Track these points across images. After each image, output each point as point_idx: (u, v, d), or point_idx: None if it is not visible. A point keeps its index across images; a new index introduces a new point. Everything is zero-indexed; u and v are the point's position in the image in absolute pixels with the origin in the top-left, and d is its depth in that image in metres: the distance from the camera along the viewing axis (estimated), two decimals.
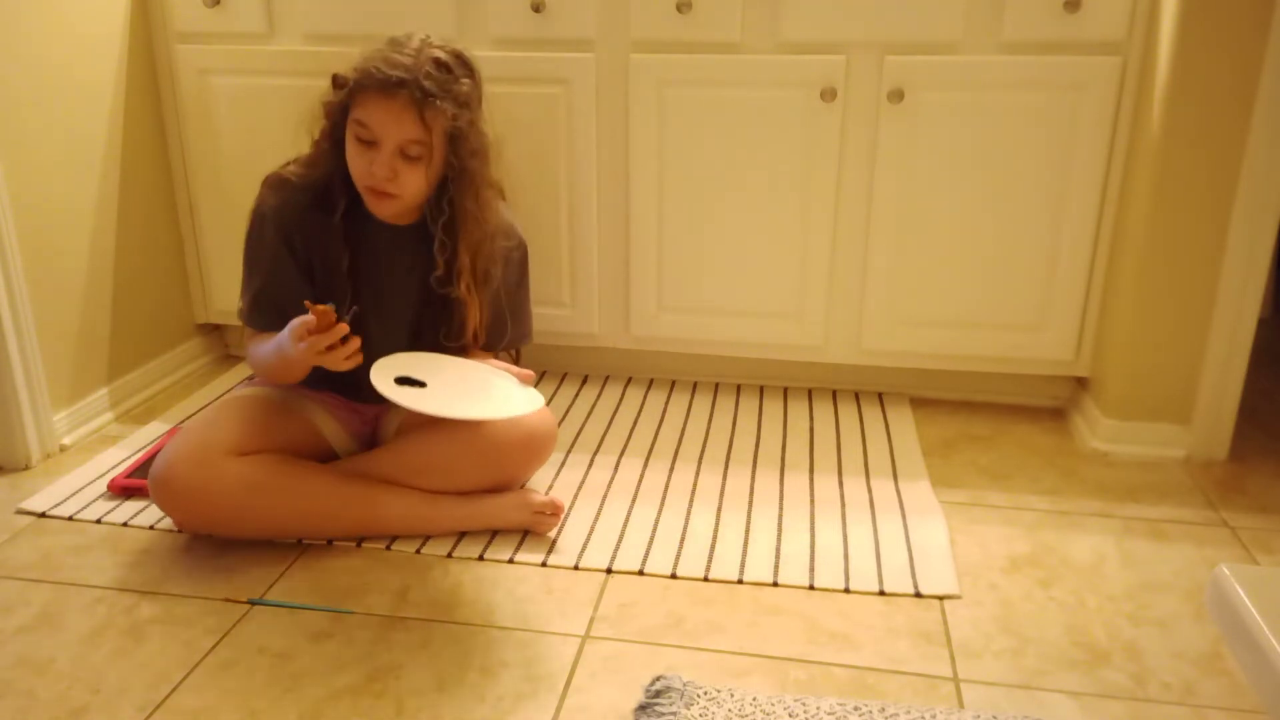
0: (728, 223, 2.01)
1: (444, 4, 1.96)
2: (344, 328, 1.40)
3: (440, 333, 1.62)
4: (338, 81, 1.49)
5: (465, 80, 1.50)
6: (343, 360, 1.42)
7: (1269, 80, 1.66)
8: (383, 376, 1.44)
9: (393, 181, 1.47)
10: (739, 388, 2.18)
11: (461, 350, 1.65)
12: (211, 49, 2.08)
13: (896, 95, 1.86)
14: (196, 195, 2.20)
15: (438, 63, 1.47)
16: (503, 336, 1.70)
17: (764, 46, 1.90)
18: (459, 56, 1.52)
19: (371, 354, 1.59)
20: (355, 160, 1.49)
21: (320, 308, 1.38)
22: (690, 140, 1.97)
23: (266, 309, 1.56)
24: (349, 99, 1.48)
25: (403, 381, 1.45)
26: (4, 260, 1.75)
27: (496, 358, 1.71)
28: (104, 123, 2.00)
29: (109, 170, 2.02)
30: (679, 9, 1.88)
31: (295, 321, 1.42)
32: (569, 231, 2.07)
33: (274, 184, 1.58)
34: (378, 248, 1.59)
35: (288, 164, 1.60)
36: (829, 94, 1.88)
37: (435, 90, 1.44)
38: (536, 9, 1.93)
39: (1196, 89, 1.69)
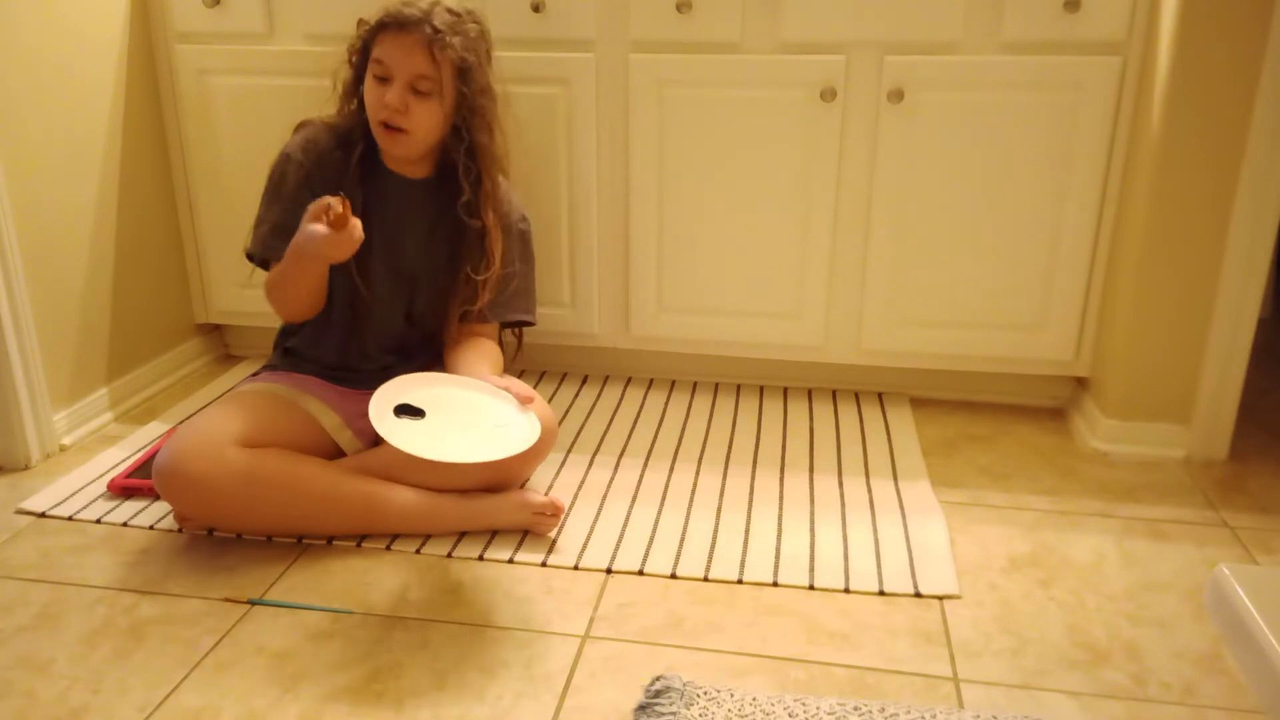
0: (728, 223, 2.01)
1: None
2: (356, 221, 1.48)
3: (470, 267, 1.69)
4: (361, 24, 1.62)
5: (474, 25, 1.62)
6: (353, 246, 1.49)
7: (1269, 80, 1.66)
8: (381, 410, 1.44)
9: (404, 115, 1.57)
10: (739, 388, 2.18)
11: (472, 330, 1.72)
12: (211, 49, 2.08)
13: (896, 95, 1.86)
14: (196, 195, 2.20)
15: (450, 11, 1.60)
16: (514, 306, 1.77)
17: (764, 46, 1.90)
18: (469, 11, 1.64)
19: (376, 303, 1.67)
20: (371, 95, 1.60)
21: (328, 198, 1.46)
22: (690, 140, 1.97)
23: (284, 236, 1.60)
24: (369, 38, 1.60)
25: (401, 411, 1.45)
26: (4, 260, 1.75)
27: (501, 340, 1.80)
28: (104, 123, 2.00)
29: (109, 170, 2.02)
30: (679, 9, 1.88)
31: (313, 226, 1.48)
32: (569, 231, 2.07)
33: (303, 125, 1.70)
34: (389, 198, 1.67)
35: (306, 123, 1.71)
36: (829, 94, 1.88)
37: (444, 29, 1.57)
38: (536, 9, 1.93)
39: (1196, 89, 1.69)
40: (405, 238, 1.68)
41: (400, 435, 1.39)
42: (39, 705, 1.24)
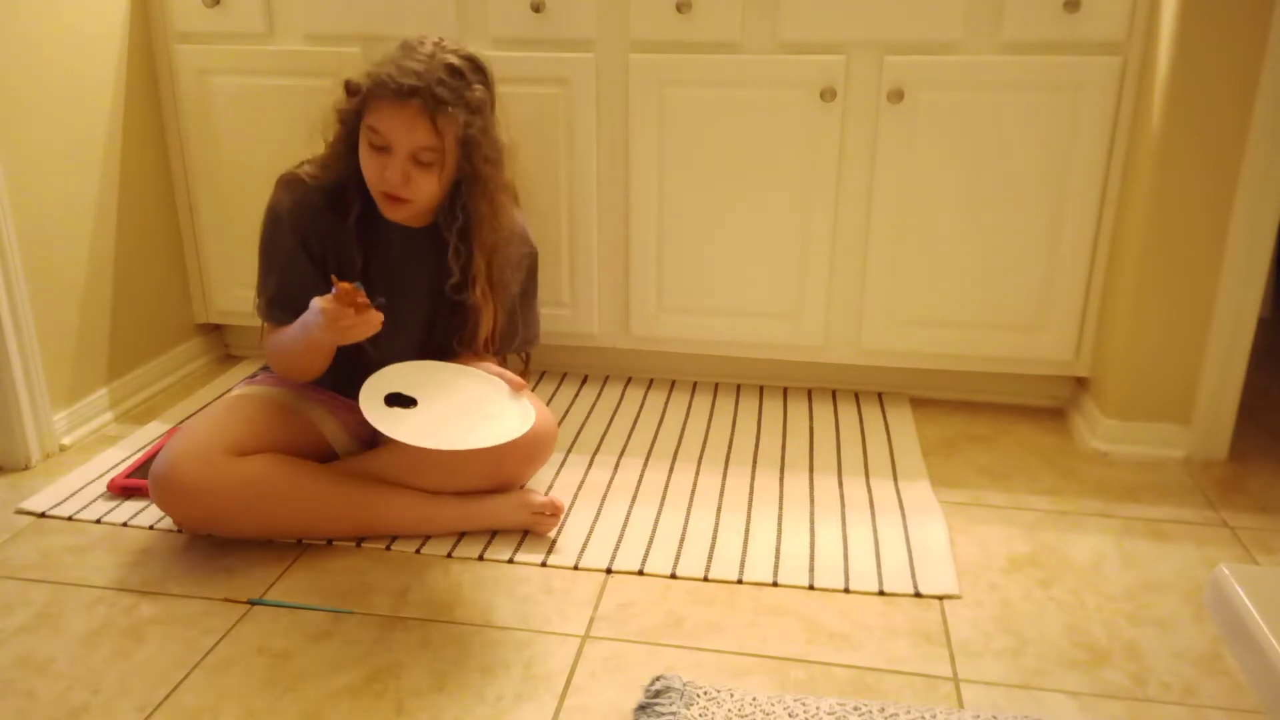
0: (727, 223, 2.01)
1: (444, 4, 1.96)
2: (364, 300, 1.40)
3: (454, 339, 1.63)
4: (350, 88, 1.50)
5: (478, 86, 1.50)
6: (365, 330, 1.41)
7: (1269, 80, 1.66)
8: (372, 398, 1.43)
9: (405, 187, 1.48)
10: (739, 388, 2.18)
11: (471, 355, 1.66)
12: (211, 49, 2.08)
13: (896, 95, 1.86)
14: (196, 195, 2.20)
15: (450, 69, 1.47)
16: (513, 340, 1.72)
17: (764, 46, 1.90)
18: (472, 61, 1.51)
19: (383, 357, 1.60)
20: (368, 165, 1.50)
21: (345, 285, 1.38)
22: (690, 140, 1.97)
23: (284, 305, 1.56)
24: (362, 105, 1.48)
25: (393, 400, 1.43)
26: (4, 260, 1.75)
27: (505, 362, 1.72)
28: (104, 123, 2.00)
29: (109, 170, 2.02)
30: (679, 9, 1.88)
31: (317, 301, 1.42)
32: (569, 231, 2.07)
33: (289, 184, 1.57)
34: (391, 251, 1.60)
35: (302, 164, 1.60)
36: (829, 94, 1.88)
37: (448, 97, 1.44)
38: (536, 9, 1.93)
39: (1196, 89, 1.69)
40: (411, 285, 1.62)
41: (390, 422, 1.38)
42: (39, 705, 1.24)
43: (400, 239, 1.60)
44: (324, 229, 1.56)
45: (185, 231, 2.24)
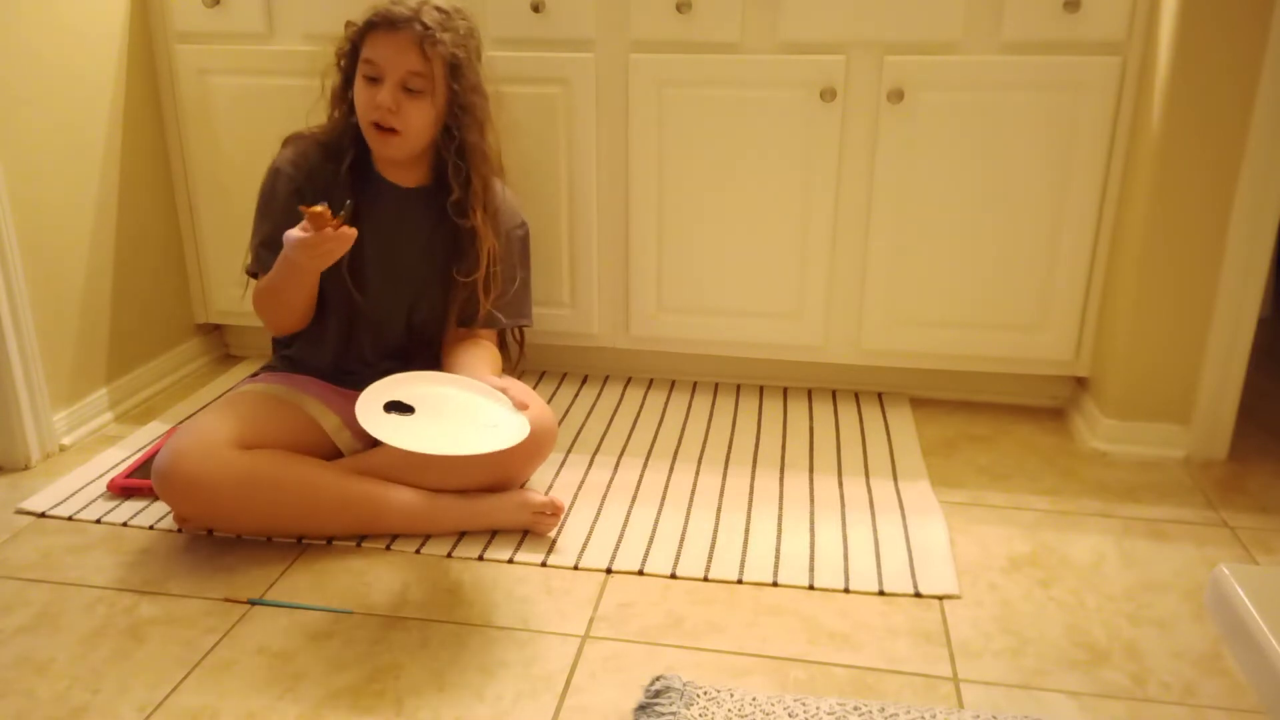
0: (727, 223, 2.01)
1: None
2: (334, 220, 1.45)
3: (456, 269, 1.68)
4: (349, 25, 1.61)
5: (463, 22, 1.61)
6: (340, 246, 1.47)
7: (1269, 80, 1.66)
8: (370, 406, 1.43)
9: (396, 115, 1.56)
10: (739, 388, 2.18)
11: (468, 337, 1.71)
12: (211, 49, 2.08)
13: (896, 95, 1.86)
14: (196, 195, 2.20)
15: (438, 9, 1.58)
16: (510, 314, 1.76)
17: (764, 46, 1.90)
18: (458, 9, 1.62)
19: (373, 311, 1.67)
20: (362, 97, 1.58)
21: (313, 209, 1.43)
22: (690, 140, 1.97)
23: (274, 252, 1.58)
24: (358, 39, 1.59)
25: (391, 407, 1.44)
26: (4, 260, 1.75)
27: (513, 369, 1.78)
28: (104, 123, 2.00)
29: (109, 170, 2.02)
30: (679, 9, 1.88)
31: (291, 232, 1.47)
32: (569, 231, 2.07)
33: (291, 139, 1.68)
34: (384, 205, 1.65)
35: (295, 135, 1.69)
36: (829, 94, 1.88)
37: (435, 26, 1.55)
38: (536, 9, 1.93)
39: (1196, 89, 1.69)
40: (401, 246, 1.67)
41: (385, 429, 1.39)
42: (39, 705, 1.24)
43: (394, 195, 1.66)
44: (320, 179, 1.63)
45: (185, 231, 2.24)
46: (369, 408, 1.43)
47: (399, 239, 1.67)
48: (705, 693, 1.25)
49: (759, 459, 1.88)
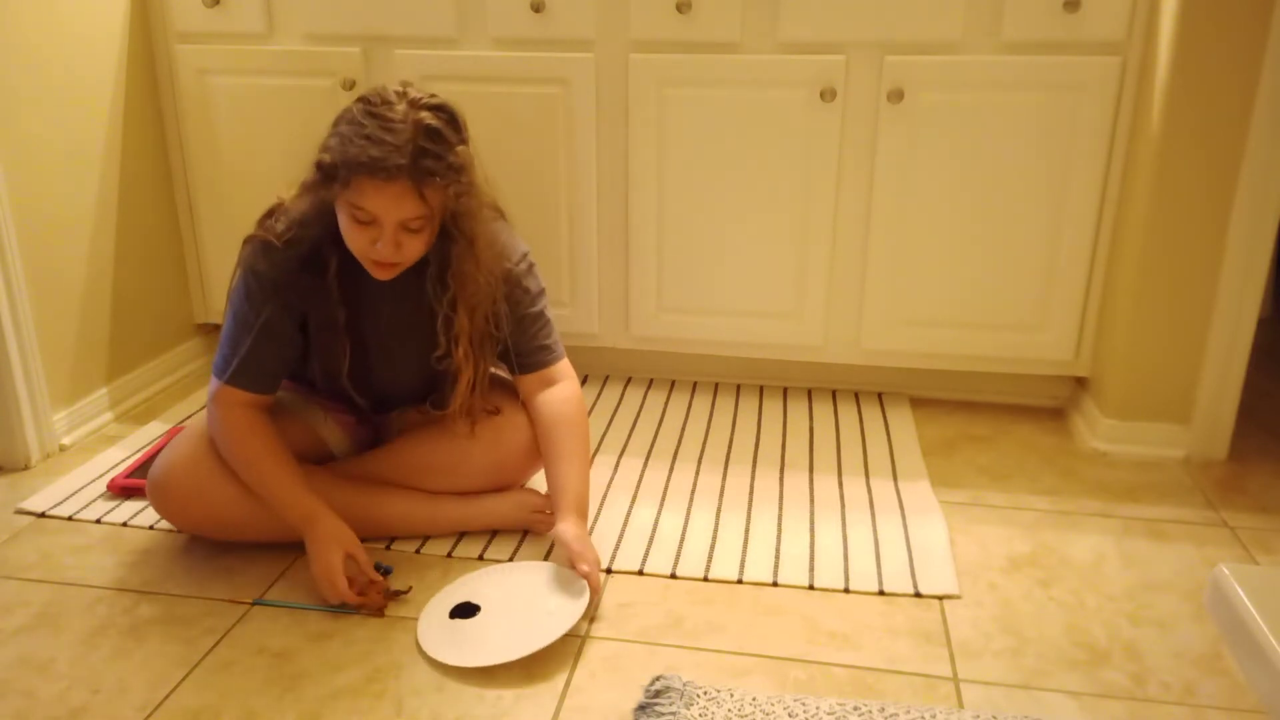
0: (727, 222, 2.01)
1: (444, 4, 1.96)
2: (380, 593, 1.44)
3: (437, 396, 1.58)
4: (325, 170, 1.37)
5: (460, 147, 1.41)
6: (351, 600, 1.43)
7: (1269, 80, 1.66)
8: (434, 621, 1.39)
9: (396, 254, 1.40)
10: (739, 388, 2.18)
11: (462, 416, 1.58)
12: (211, 49, 2.08)
13: (896, 95, 1.86)
14: (196, 195, 2.20)
15: (429, 132, 1.36)
16: (534, 356, 1.59)
17: (764, 46, 1.90)
18: (446, 113, 1.40)
19: (387, 394, 1.61)
20: (354, 237, 1.41)
21: (379, 582, 1.44)
22: (690, 140, 1.97)
23: (255, 372, 1.48)
24: (342, 178, 1.36)
25: (457, 612, 1.40)
26: (4, 260, 1.75)
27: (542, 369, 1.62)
28: (104, 123, 2.00)
29: (109, 170, 2.02)
30: (679, 9, 1.88)
31: (334, 564, 1.41)
32: (569, 231, 2.07)
33: (263, 248, 1.47)
34: (374, 298, 1.54)
35: (264, 220, 1.49)
36: (829, 94, 1.88)
37: (433, 168, 1.36)
38: (536, 9, 1.93)
39: (1196, 89, 1.69)
40: (398, 328, 1.56)
41: (445, 651, 1.33)
42: (39, 705, 1.24)
43: (381, 286, 1.52)
44: (302, 289, 1.48)
45: (185, 231, 2.24)
46: (435, 615, 1.40)
47: (397, 322, 1.56)
48: (705, 693, 1.25)
49: (759, 459, 1.88)
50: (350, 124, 1.36)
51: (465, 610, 1.41)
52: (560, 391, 1.59)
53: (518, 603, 1.41)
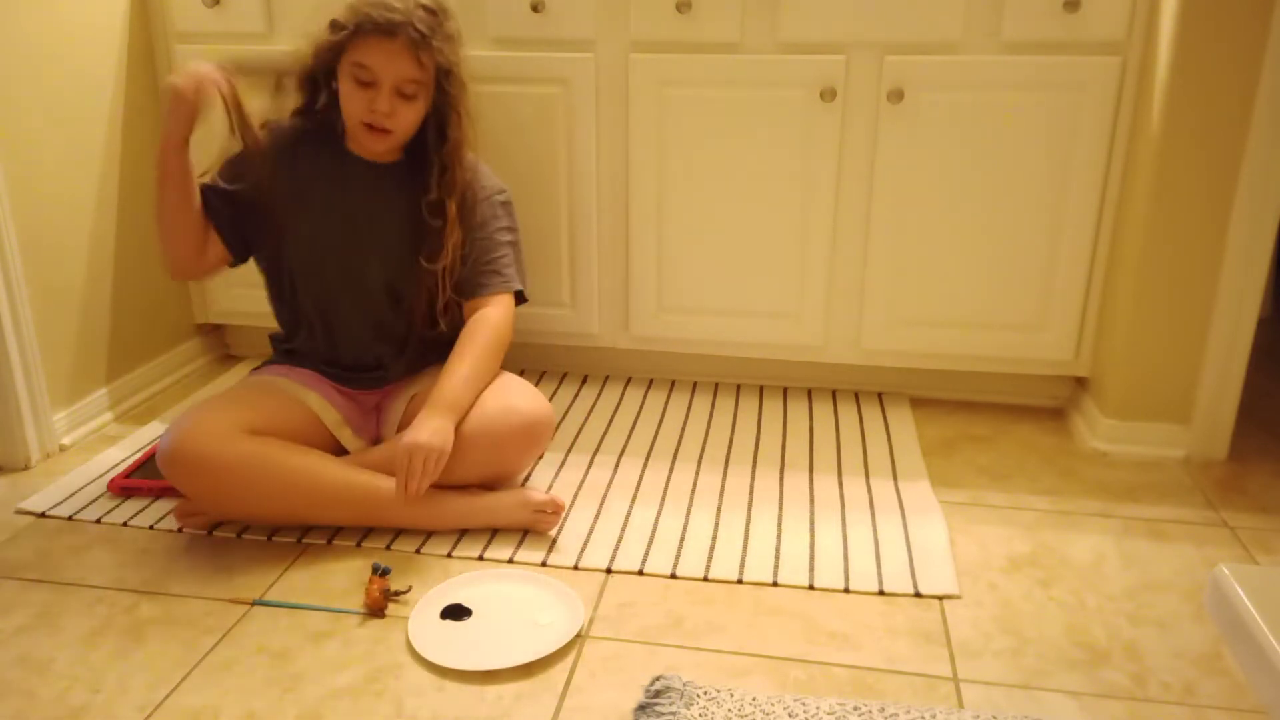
0: (727, 223, 2.01)
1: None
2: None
3: (421, 256, 1.67)
4: (336, 25, 1.57)
5: (450, 22, 1.62)
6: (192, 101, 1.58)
7: (1269, 80, 1.66)
8: (426, 618, 1.40)
9: (391, 117, 1.57)
10: (739, 388, 2.18)
11: (464, 289, 1.70)
12: (210, 49, 2.07)
13: (896, 95, 1.86)
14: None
15: (426, 9, 1.58)
16: (504, 279, 1.72)
17: (764, 46, 1.90)
18: (442, 7, 1.62)
19: (353, 288, 1.67)
20: (352, 99, 1.58)
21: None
22: (690, 140, 1.97)
23: (212, 193, 1.68)
24: (346, 41, 1.56)
25: (448, 613, 1.41)
26: (4, 260, 1.75)
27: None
28: (104, 122, 2.00)
29: (109, 170, 2.02)
30: (679, 9, 1.88)
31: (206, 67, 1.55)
32: (569, 231, 2.07)
33: (267, 126, 1.68)
34: (356, 180, 1.66)
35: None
36: (829, 94, 1.88)
37: (429, 32, 1.56)
38: (536, 9, 1.93)
39: (1196, 89, 1.69)
40: (374, 220, 1.67)
41: (433, 650, 1.33)
42: (39, 705, 1.24)
43: (366, 172, 1.67)
44: (298, 163, 1.65)
45: None
46: (426, 615, 1.40)
47: (371, 213, 1.67)
48: (705, 693, 1.25)
49: (759, 459, 1.88)
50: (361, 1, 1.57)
51: (456, 612, 1.41)
52: (484, 314, 1.69)
53: (509, 610, 1.41)
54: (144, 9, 2.08)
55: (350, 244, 1.67)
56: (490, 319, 1.68)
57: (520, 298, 1.75)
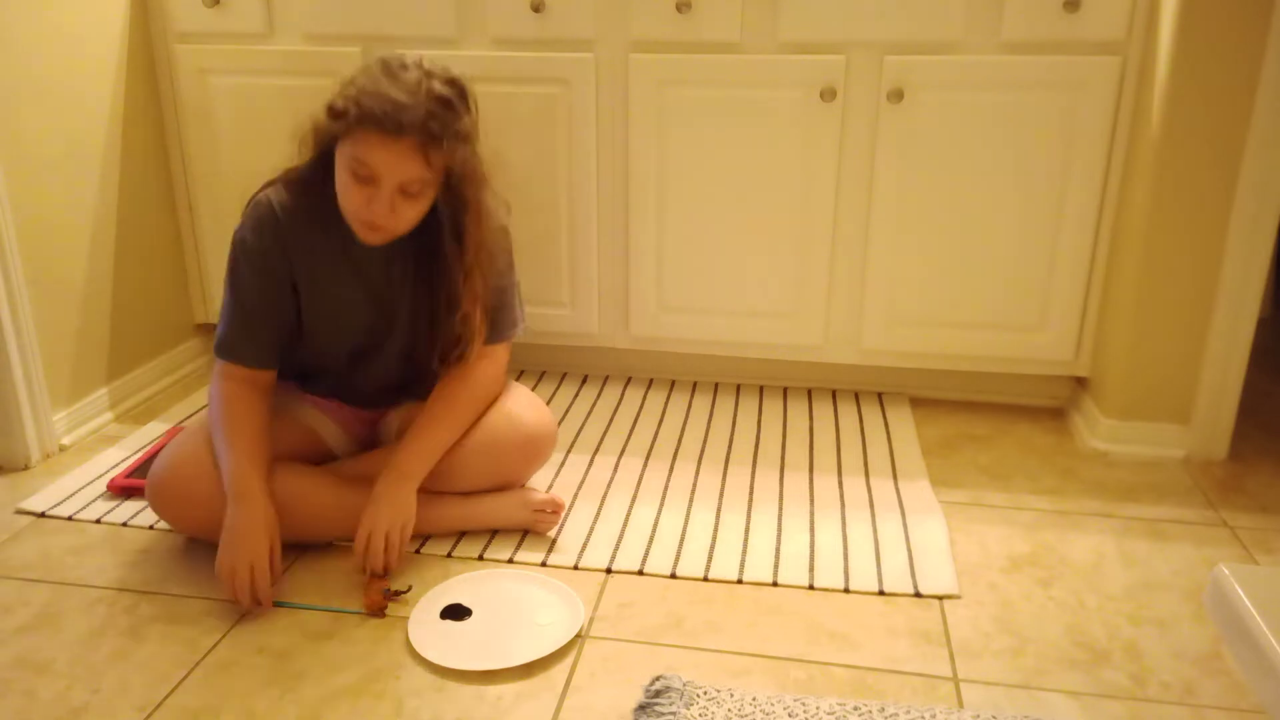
0: (727, 223, 2.01)
1: (444, 4, 1.96)
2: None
3: (436, 354, 1.57)
4: (335, 112, 1.39)
5: (466, 117, 1.43)
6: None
7: (1269, 80, 1.66)
8: (426, 617, 1.40)
9: (391, 217, 1.41)
10: (739, 388, 2.18)
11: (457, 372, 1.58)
12: (211, 49, 2.08)
13: (896, 95, 1.86)
14: (196, 195, 2.20)
15: (440, 100, 1.39)
16: (502, 325, 1.62)
17: (764, 46, 1.90)
18: (457, 86, 1.43)
19: (369, 360, 1.60)
20: (350, 194, 1.41)
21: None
22: (690, 140, 1.97)
23: (246, 344, 1.51)
24: (346, 130, 1.38)
25: (448, 613, 1.41)
26: (4, 260, 1.75)
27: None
28: (103, 123, 2.00)
29: (109, 170, 2.02)
30: (679, 9, 1.88)
31: (256, 545, 1.40)
32: (569, 231, 2.07)
33: (251, 216, 1.51)
34: (372, 269, 1.55)
35: (267, 185, 1.54)
36: (829, 94, 1.88)
37: (440, 132, 1.37)
38: (536, 9, 1.93)
39: (1196, 89, 1.69)
40: (390, 304, 1.57)
41: (434, 650, 1.33)
42: (39, 705, 1.24)
43: (381, 258, 1.54)
44: (297, 251, 1.51)
45: (185, 231, 2.24)
46: (426, 615, 1.40)
47: (387, 296, 1.57)
48: (705, 693, 1.25)
49: (759, 459, 1.88)
50: (367, 78, 1.39)
51: (456, 612, 1.41)
52: (471, 370, 1.57)
53: (509, 611, 1.42)
54: (144, 9, 2.08)
55: (366, 328, 1.58)
56: (475, 378, 1.57)
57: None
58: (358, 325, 1.58)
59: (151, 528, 1.63)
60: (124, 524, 1.64)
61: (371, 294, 1.56)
